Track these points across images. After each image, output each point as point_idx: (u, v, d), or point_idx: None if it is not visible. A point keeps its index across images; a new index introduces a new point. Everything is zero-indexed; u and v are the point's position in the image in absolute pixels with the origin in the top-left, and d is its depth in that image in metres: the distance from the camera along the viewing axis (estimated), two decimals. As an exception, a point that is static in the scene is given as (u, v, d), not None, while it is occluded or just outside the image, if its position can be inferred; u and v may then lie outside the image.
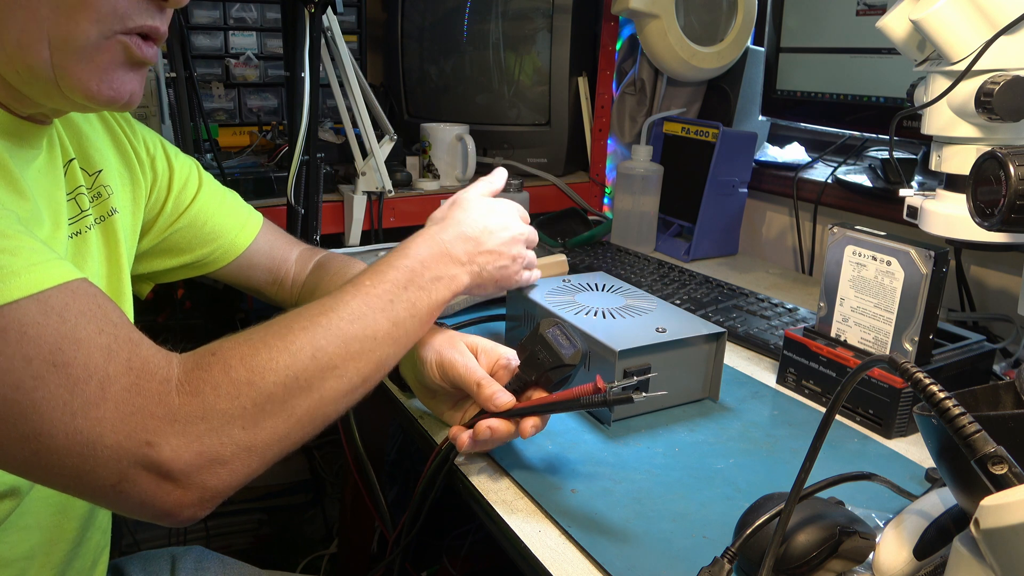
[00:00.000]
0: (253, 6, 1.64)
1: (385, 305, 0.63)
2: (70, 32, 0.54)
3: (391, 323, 0.63)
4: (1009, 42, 0.75)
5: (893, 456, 0.74)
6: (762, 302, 1.10)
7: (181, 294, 1.58)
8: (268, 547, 1.79)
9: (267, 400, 0.53)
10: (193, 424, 0.50)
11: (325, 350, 0.57)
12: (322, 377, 0.57)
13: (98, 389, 0.47)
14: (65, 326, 0.48)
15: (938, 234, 0.84)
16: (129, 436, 0.48)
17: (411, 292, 0.66)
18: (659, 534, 0.61)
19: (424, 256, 0.69)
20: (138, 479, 0.48)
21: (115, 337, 0.50)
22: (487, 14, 1.61)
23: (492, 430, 0.66)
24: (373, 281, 0.64)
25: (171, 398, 0.50)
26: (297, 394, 0.55)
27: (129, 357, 0.49)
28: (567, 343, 0.66)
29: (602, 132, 1.65)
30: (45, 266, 0.49)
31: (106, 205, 0.72)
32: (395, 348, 0.64)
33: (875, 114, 1.19)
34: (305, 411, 0.56)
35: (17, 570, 0.63)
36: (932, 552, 0.50)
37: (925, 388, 0.40)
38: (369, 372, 0.61)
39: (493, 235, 0.75)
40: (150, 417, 0.48)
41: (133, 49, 0.57)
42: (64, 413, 0.46)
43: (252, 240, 0.89)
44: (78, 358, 0.47)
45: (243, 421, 0.52)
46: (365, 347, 0.60)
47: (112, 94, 0.58)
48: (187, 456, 0.49)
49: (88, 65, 0.55)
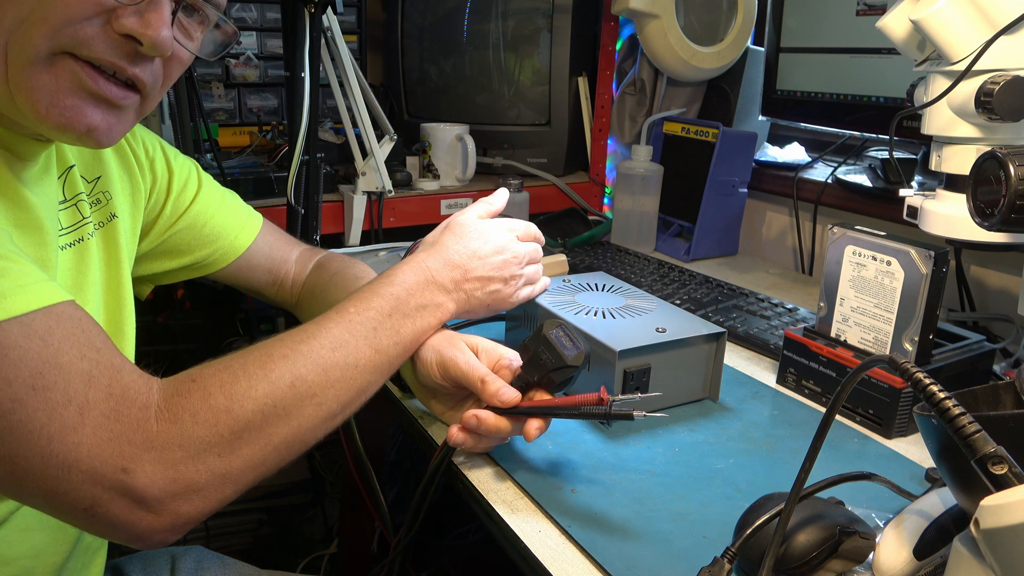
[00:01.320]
0: (253, 6, 1.64)
1: (368, 333, 0.64)
2: (23, 44, 0.52)
3: (373, 351, 0.63)
4: (1009, 42, 0.75)
5: (893, 456, 0.74)
6: (762, 302, 1.10)
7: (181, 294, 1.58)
8: (268, 547, 1.79)
9: (244, 428, 0.53)
10: (170, 451, 0.50)
11: (305, 379, 0.57)
12: (300, 405, 0.57)
13: (77, 414, 0.48)
14: (47, 351, 0.48)
15: (938, 234, 0.84)
16: (105, 462, 0.48)
17: (395, 320, 0.66)
18: (659, 534, 0.61)
19: (410, 284, 0.69)
20: (111, 504, 0.49)
21: (97, 363, 0.50)
22: (487, 14, 1.61)
23: (480, 420, 0.66)
24: (357, 308, 0.65)
25: (149, 425, 0.50)
26: (275, 422, 0.55)
27: (110, 383, 0.50)
28: (570, 344, 0.66)
29: (602, 132, 1.65)
30: (32, 288, 0.49)
31: (106, 211, 0.72)
32: (377, 376, 0.64)
33: (875, 114, 1.19)
34: (282, 439, 0.56)
35: (18, 569, 0.63)
36: (932, 552, 0.50)
37: (925, 388, 0.40)
38: (349, 399, 0.61)
39: (483, 261, 0.74)
40: (127, 444, 0.49)
41: (84, 78, 0.54)
42: (41, 437, 0.47)
43: (252, 241, 0.89)
44: (58, 383, 0.47)
45: (219, 448, 0.52)
46: (346, 375, 0.60)
47: (62, 121, 0.54)
48: (161, 483, 0.49)
49: (36, 82, 0.53)
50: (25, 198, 0.58)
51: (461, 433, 0.67)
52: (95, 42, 0.54)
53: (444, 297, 0.71)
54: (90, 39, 0.53)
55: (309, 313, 0.90)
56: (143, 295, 0.87)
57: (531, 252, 0.80)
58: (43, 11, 0.52)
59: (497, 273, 0.75)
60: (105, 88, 0.56)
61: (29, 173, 0.61)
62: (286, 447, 0.56)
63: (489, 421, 0.66)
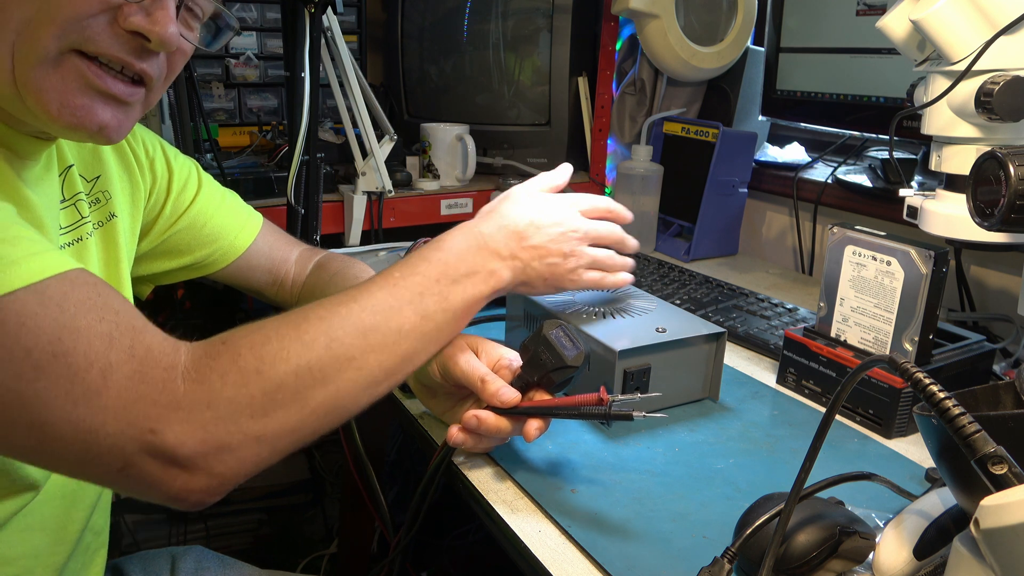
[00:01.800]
0: (253, 6, 1.64)
1: (413, 298, 0.61)
2: (32, 45, 0.52)
3: (419, 316, 0.61)
4: (1009, 42, 0.75)
5: (893, 456, 0.74)
6: (762, 302, 1.10)
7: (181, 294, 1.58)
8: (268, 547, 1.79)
9: (276, 390, 0.52)
10: (198, 411, 0.49)
11: (341, 341, 0.55)
12: (338, 369, 0.55)
13: (99, 377, 0.47)
14: (64, 316, 0.47)
15: (938, 234, 0.84)
16: (132, 423, 0.47)
17: (443, 285, 0.63)
18: (659, 534, 0.61)
19: (460, 248, 0.66)
20: (143, 465, 0.48)
21: (116, 325, 0.49)
22: (487, 14, 1.60)
23: (480, 419, 0.66)
24: (403, 273, 0.62)
25: (176, 385, 0.49)
26: (311, 385, 0.53)
27: (132, 344, 0.49)
28: (570, 344, 0.66)
29: (602, 132, 1.64)
30: (43, 256, 0.49)
31: (105, 210, 0.72)
32: (424, 343, 0.62)
33: (875, 114, 1.19)
34: (320, 403, 0.54)
35: (18, 569, 0.63)
36: (932, 552, 0.50)
37: (925, 388, 0.40)
38: (393, 366, 0.59)
39: (541, 230, 0.70)
40: (153, 404, 0.48)
41: (91, 77, 0.54)
42: (66, 402, 0.46)
43: (252, 241, 0.89)
44: (78, 347, 0.47)
45: (251, 410, 0.51)
46: (388, 340, 0.58)
47: (73, 120, 0.55)
48: (192, 443, 0.48)
49: (45, 82, 0.53)
50: (27, 197, 0.58)
51: (461, 433, 0.67)
52: (102, 38, 0.54)
53: (498, 263, 0.68)
54: (96, 36, 0.54)
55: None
56: (143, 295, 0.87)
57: (597, 230, 0.74)
58: (50, 11, 0.52)
59: (555, 246, 0.71)
60: (112, 86, 0.56)
61: (31, 172, 0.61)
62: (324, 413, 0.54)
63: (489, 421, 0.66)
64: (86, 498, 0.69)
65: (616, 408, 0.62)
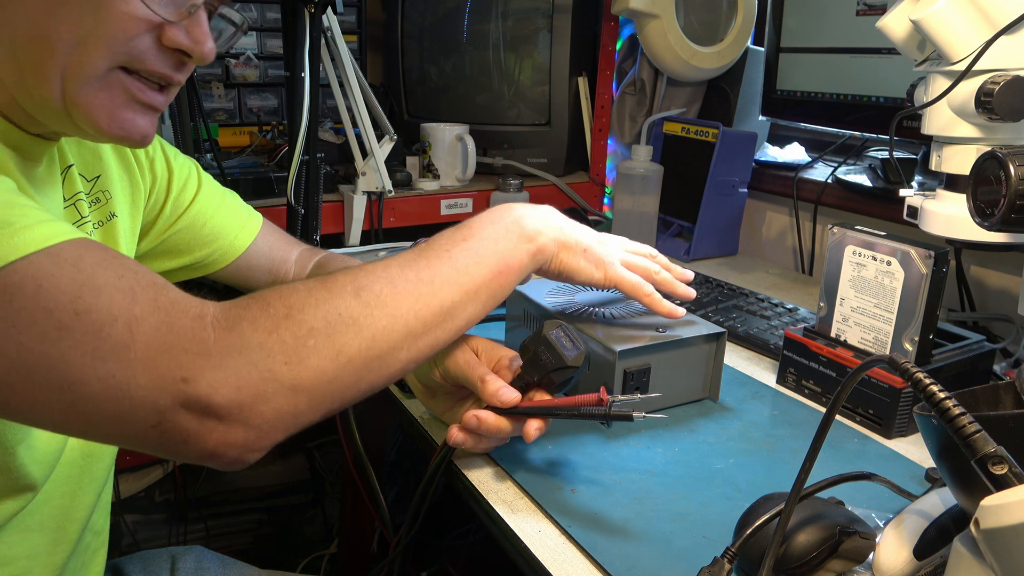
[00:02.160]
0: (253, 6, 1.64)
1: (441, 254, 0.60)
2: (83, 65, 0.54)
3: (450, 268, 0.60)
4: (1009, 42, 0.75)
5: (893, 456, 0.74)
6: (762, 302, 1.10)
7: (181, 294, 1.58)
8: (268, 547, 1.79)
9: (308, 334, 0.50)
10: (229, 357, 0.48)
11: (370, 288, 0.54)
12: (370, 315, 0.53)
13: (125, 331, 0.46)
14: (81, 275, 0.47)
15: (938, 234, 0.84)
16: (163, 375, 0.46)
17: (472, 243, 0.62)
18: (659, 534, 0.61)
19: (486, 217, 0.66)
20: (178, 418, 0.47)
21: (137, 281, 0.49)
22: (487, 14, 1.61)
23: (480, 420, 0.66)
24: (428, 241, 0.62)
25: (205, 333, 0.48)
26: (343, 331, 0.52)
27: (155, 297, 0.48)
28: (570, 345, 0.66)
29: (602, 132, 1.65)
30: (52, 224, 0.49)
31: (105, 210, 0.72)
32: (462, 296, 0.60)
33: (875, 114, 1.19)
34: (356, 351, 0.52)
35: (18, 569, 0.63)
36: (932, 552, 0.50)
37: (925, 388, 0.40)
38: (431, 317, 0.57)
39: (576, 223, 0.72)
40: (183, 353, 0.47)
41: (135, 92, 0.58)
42: (94, 359, 0.46)
43: (252, 241, 0.89)
44: (100, 303, 0.46)
45: (284, 356, 0.49)
46: (421, 288, 0.57)
47: (122, 133, 0.58)
48: (226, 391, 0.47)
49: (95, 100, 0.56)
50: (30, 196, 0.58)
51: (461, 433, 0.67)
52: (147, 56, 0.57)
53: (531, 222, 0.67)
54: (142, 54, 0.56)
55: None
56: (143, 295, 0.87)
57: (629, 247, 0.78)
58: (101, 32, 0.54)
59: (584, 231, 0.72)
60: (152, 98, 0.59)
61: (36, 174, 0.61)
62: (363, 363, 0.53)
63: (489, 421, 0.66)
64: (86, 498, 0.69)
65: (616, 408, 0.62)
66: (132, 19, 0.55)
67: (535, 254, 0.67)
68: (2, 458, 0.57)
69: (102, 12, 0.53)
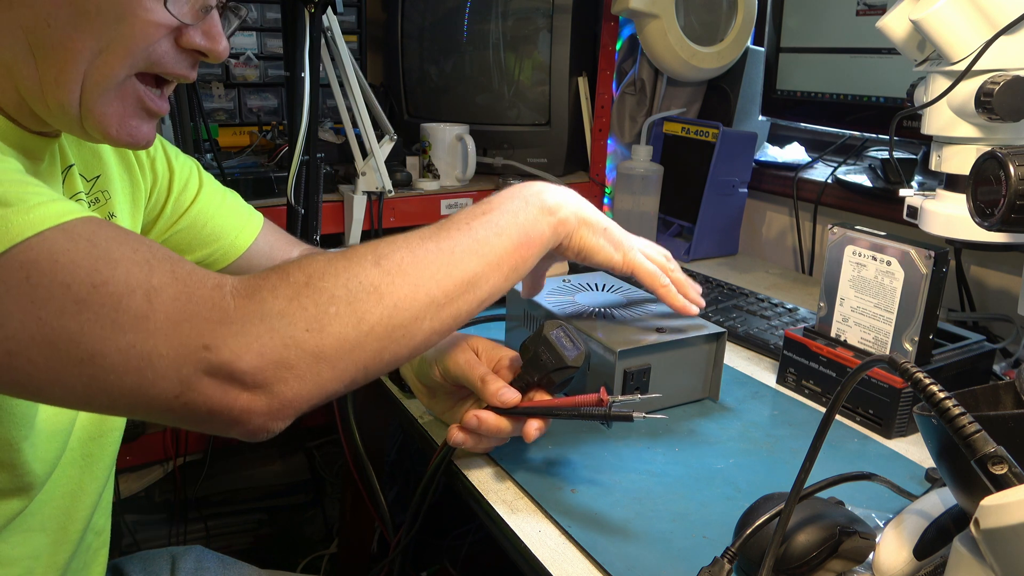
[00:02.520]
0: (253, 6, 1.64)
1: (460, 227, 0.60)
2: (105, 74, 0.55)
3: (471, 239, 0.59)
4: (1009, 42, 0.75)
5: (893, 456, 0.74)
6: (762, 302, 1.10)
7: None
8: (268, 547, 1.79)
9: (330, 301, 0.50)
10: (251, 324, 0.48)
11: (390, 257, 0.54)
12: (391, 283, 0.53)
13: (144, 301, 0.46)
14: (96, 249, 0.47)
15: (938, 234, 0.84)
16: (184, 343, 0.46)
17: (493, 215, 0.62)
18: (659, 534, 0.61)
19: (506, 192, 0.65)
20: (201, 386, 0.47)
21: (153, 253, 0.49)
22: (487, 14, 1.61)
23: (480, 420, 0.66)
24: (449, 217, 0.62)
25: (225, 301, 0.48)
26: (364, 298, 0.51)
27: (172, 268, 0.48)
28: (571, 345, 0.66)
29: (602, 132, 1.64)
30: (64, 202, 0.49)
31: (104, 210, 0.72)
32: (485, 267, 0.59)
33: (875, 114, 1.19)
34: (378, 319, 0.52)
35: (20, 569, 0.63)
36: (932, 552, 0.50)
37: (925, 388, 0.40)
38: (453, 288, 0.56)
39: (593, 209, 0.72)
40: (204, 321, 0.47)
41: (146, 101, 0.59)
42: (114, 330, 0.45)
43: (252, 241, 0.89)
44: (117, 275, 0.46)
45: (305, 323, 0.49)
46: (441, 257, 0.56)
47: (129, 139, 0.60)
48: (249, 357, 0.47)
49: (108, 109, 0.57)
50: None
51: (461, 433, 0.67)
52: (167, 60, 0.58)
53: (551, 196, 0.66)
54: (161, 58, 0.57)
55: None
56: (143, 295, 0.87)
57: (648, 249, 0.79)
58: (124, 41, 0.55)
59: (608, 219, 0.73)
60: (160, 106, 0.61)
61: (39, 172, 0.62)
62: (385, 331, 0.52)
63: (489, 421, 0.66)
64: (87, 498, 0.69)
65: (616, 409, 0.62)
66: (153, 25, 0.55)
67: (556, 227, 0.66)
68: (6, 455, 0.57)
69: (125, 21, 0.54)
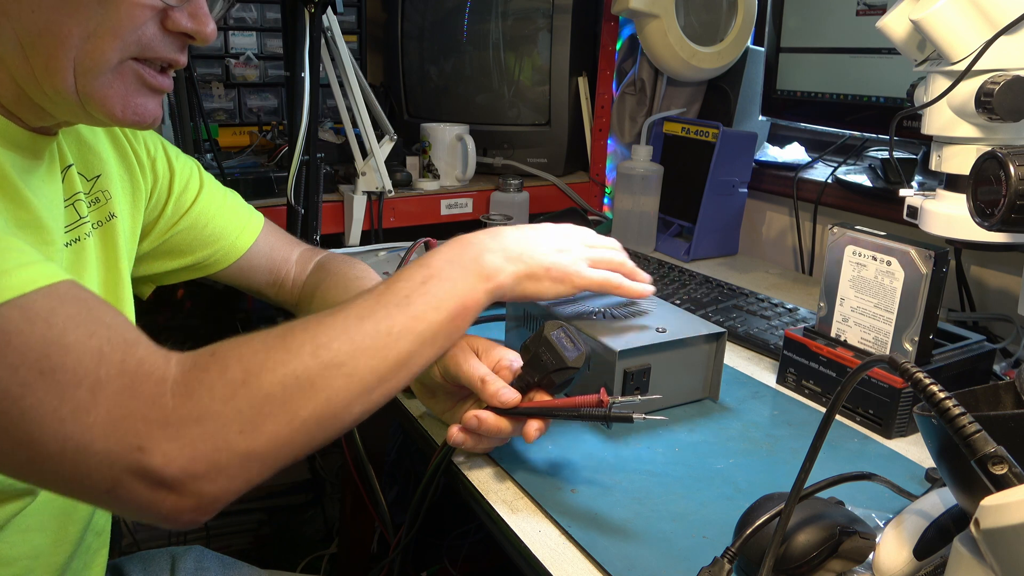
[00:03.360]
0: (253, 6, 1.64)
1: (399, 300, 0.60)
2: (96, 59, 0.55)
3: (408, 316, 0.59)
4: (1009, 42, 0.75)
5: (893, 456, 0.74)
6: (762, 302, 1.10)
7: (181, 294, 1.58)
8: (268, 547, 1.79)
9: (264, 402, 0.50)
10: (187, 428, 0.48)
11: (328, 346, 0.54)
12: (327, 375, 0.53)
13: (88, 394, 0.46)
14: (52, 332, 0.46)
15: (938, 234, 0.84)
16: (120, 441, 0.46)
17: (430, 285, 0.62)
18: (659, 534, 0.61)
19: (446, 254, 0.66)
20: (131, 485, 0.47)
21: (108, 340, 0.48)
22: (487, 14, 1.61)
23: (480, 420, 0.66)
24: (386, 283, 0.62)
25: (165, 400, 0.48)
26: (299, 395, 0.52)
27: (123, 359, 0.48)
28: (571, 345, 0.66)
29: (602, 132, 1.65)
30: (29, 268, 0.48)
31: (104, 210, 0.72)
32: (419, 345, 0.59)
33: (875, 114, 1.19)
34: (311, 414, 0.52)
35: (19, 569, 0.63)
36: (932, 552, 0.50)
37: (925, 388, 0.40)
38: (386, 371, 0.57)
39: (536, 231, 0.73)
40: (142, 421, 0.47)
41: (146, 77, 0.59)
42: (54, 420, 0.46)
43: (253, 242, 0.89)
44: (67, 363, 0.46)
45: (240, 425, 0.49)
46: (378, 342, 0.57)
47: (136, 118, 0.60)
48: (180, 462, 0.47)
49: (109, 90, 0.57)
50: (25, 197, 0.58)
51: (461, 433, 0.67)
52: (155, 44, 0.58)
53: (491, 258, 0.67)
54: (150, 42, 0.58)
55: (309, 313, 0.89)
56: (144, 295, 0.87)
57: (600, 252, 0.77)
58: (110, 25, 0.55)
59: (552, 242, 0.72)
60: (161, 82, 0.61)
61: (32, 170, 0.61)
62: (316, 424, 0.52)
63: (489, 422, 0.66)
64: None
65: (616, 410, 0.62)
66: (138, 7, 0.56)
67: (492, 291, 0.67)
68: None
69: (110, 3, 0.55)
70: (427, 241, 1.00)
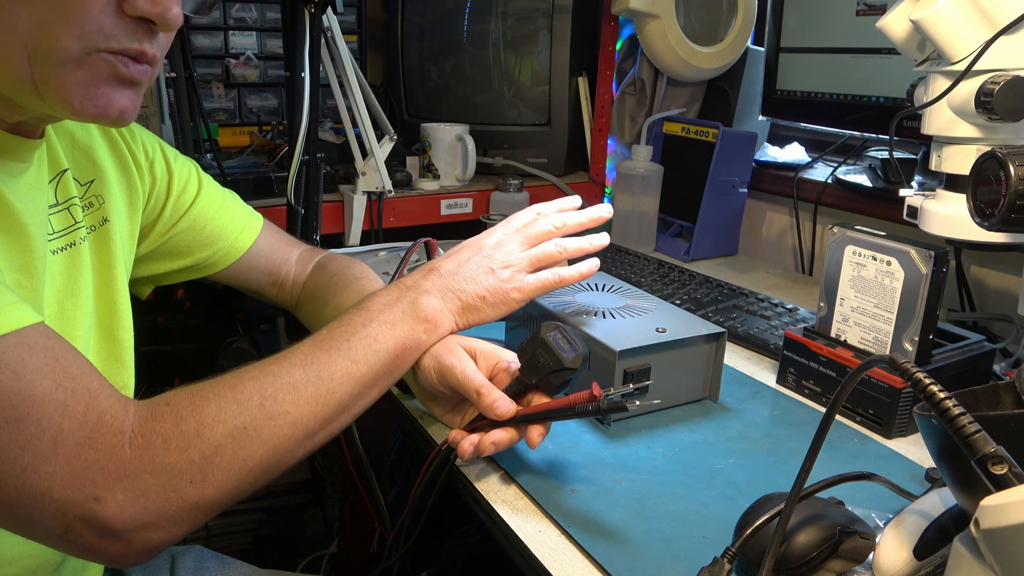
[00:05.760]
0: (253, 6, 1.64)
1: (340, 345, 0.62)
2: (50, 47, 0.52)
3: (349, 361, 0.62)
4: (1009, 42, 0.75)
5: (893, 456, 0.74)
6: (762, 302, 1.10)
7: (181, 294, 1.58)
8: (268, 547, 1.79)
9: (215, 452, 0.52)
10: (141, 479, 0.49)
11: (274, 397, 0.56)
12: (273, 425, 0.56)
13: (50, 445, 0.47)
14: (19, 383, 0.47)
15: (938, 234, 0.84)
16: (77, 491, 0.48)
17: (371, 329, 0.64)
18: (659, 534, 0.61)
19: (385, 297, 0.68)
20: (82, 532, 0.49)
21: (72, 391, 0.49)
22: (487, 14, 1.61)
23: (496, 445, 0.66)
24: (330, 328, 0.64)
25: (123, 451, 0.49)
26: (247, 444, 0.54)
27: (86, 410, 0.49)
28: (568, 347, 0.66)
29: (602, 132, 1.65)
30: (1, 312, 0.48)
31: (98, 214, 0.71)
32: (360, 387, 0.62)
33: (875, 114, 1.19)
34: (257, 462, 0.54)
35: (19, 569, 0.63)
36: (932, 552, 0.50)
37: (925, 388, 0.40)
38: (329, 415, 0.59)
39: (464, 257, 0.73)
40: (100, 472, 0.48)
41: (119, 67, 0.55)
42: (14, 467, 0.47)
43: (252, 242, 0.89)
44: (32, 414, 0.47)
45: (191, 475, 0.51)
46: (321, 390, 0.59)
47: (97, 111, 0.56)
48: (131, 512, 0.49)
49: (69, 79, 0.54)
50: (8, 202, 0.57)
51: (471, 447, 0.66)
52: (120, 34, 0.54)
53: (427, 299, 0.70)
54: (116, 33, 0.54)
55: (309, 313, 0.89)
56: (143, 295, 0.87)
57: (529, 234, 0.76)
58: (62, 11, 0.52)
59: (481, 263, 0.73)
60: (135, 71, 0.56)
61: (17, 175, 0.60)
62: (262, 470, 0.55)
63: (503, 442, 0.66)
64: None
65: (608, 401, 0.62)
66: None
67: (431, 331, 0.70)
68: None
69: None
70: (427, 241, 1.00)
